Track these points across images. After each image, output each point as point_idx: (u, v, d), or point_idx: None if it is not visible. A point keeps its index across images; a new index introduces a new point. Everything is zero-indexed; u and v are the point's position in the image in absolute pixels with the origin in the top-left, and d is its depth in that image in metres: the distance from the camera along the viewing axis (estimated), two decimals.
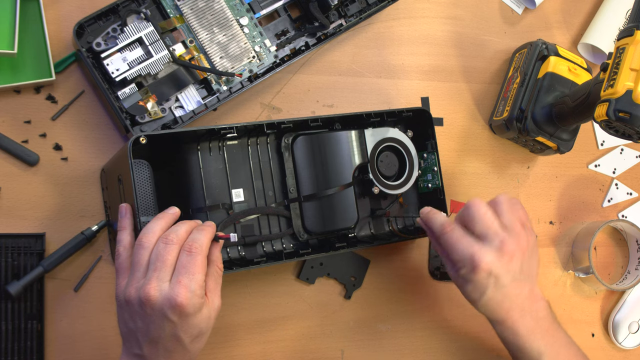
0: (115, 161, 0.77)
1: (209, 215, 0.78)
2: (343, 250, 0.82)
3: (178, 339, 0.65)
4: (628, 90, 0.74)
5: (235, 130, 0.77)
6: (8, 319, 0.76)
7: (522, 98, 0.92)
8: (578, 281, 1.01)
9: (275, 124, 0.79)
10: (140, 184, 0.77)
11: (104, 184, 0.81)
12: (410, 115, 0.88)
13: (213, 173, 0.79)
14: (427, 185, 0.90)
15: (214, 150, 0.79)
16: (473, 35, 0.99)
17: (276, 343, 0.87)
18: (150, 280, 0.63)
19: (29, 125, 0.81)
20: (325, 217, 0.82)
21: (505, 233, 0.74)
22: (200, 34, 0.83)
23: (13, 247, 0.77)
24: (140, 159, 0.77)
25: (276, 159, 0.83)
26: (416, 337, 0.93)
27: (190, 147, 0.78)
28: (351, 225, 0.83)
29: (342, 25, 0.90)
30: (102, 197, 0.82)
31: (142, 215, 0.76)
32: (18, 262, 0.77)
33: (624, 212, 1.05)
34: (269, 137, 0.82)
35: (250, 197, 0.81)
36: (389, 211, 0.89)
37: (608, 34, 1.00)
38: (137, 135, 0.70)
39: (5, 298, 0.76)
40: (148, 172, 0.78)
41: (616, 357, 1.02)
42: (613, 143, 1.05)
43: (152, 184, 0.78)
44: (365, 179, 0.85)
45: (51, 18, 0.82)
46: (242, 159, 0.81)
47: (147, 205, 0.77)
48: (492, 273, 0.73)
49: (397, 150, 0.87)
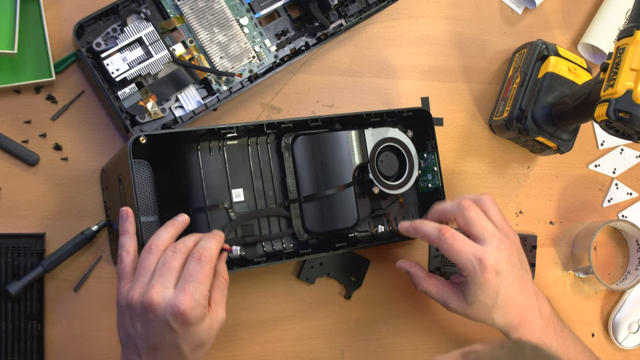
0: (115, 161, 0.77)
1: (209, 215, 0.78)
2: (343, 250, 0.82)
3: (178, 348, 0.64)
4: (628, 90, 0.74)
5: (235, 130, 0.77)
6: (8, 319, 0.76)
7: (522, 98, 0.92)
8: (578, 281, 1.01)
9: (275, 124, 0.79)
10: (140, 184, 0.77)
11: (104, 184, 0.81)
12: (410, 115, 0.88)
13: (213, 173, 0.79)
14: (427, 185, 0.90)
15: (214, 150, 0.79)
16: (473, 35, 0.99)
17: (276, 343, 0.87)
18: (155, 285, 0.63)
19: (29, 125, 0.81)
20: (325, 217, 0.82)
21: (500, 232, 0.77)
22: (200, 34, 0.83)
23: (13, 247, 0.77)
24: (140, 159, 0.77)
25: (276, 158, 0.83)
26: (416, 337, 0.93)
27: (190, 147, 0.78)
28: (351, 225, 0.84)
29: (342, 25, 0.90)
30: (102, 197, 0.82)
31: (142, 215, 0.76)
32: (18, 262, 0.77)
33: (624, 212, 1.05)
34: (269, 137, 0.82)
35: (250, 197, 0.81)
36: (389, 211, 0.89)
37: (608, 34, 1.00)
38: (137, 135, 0.70)
39: (5, 298, 0.76)
40: (148, 172, 0.78)
41: (616, 357, 1.02)
42: (613, 143, 1.05)
43: (152, 184, 0.78)
44: (365, 179, 0.85)
45: (51, 18, 0.82)
46: (242, 158, 0.81)
47: (147, 205, 0.77)
48: (499, 271, 0.75)
49: (397, 150, 0.87)
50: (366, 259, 0.91)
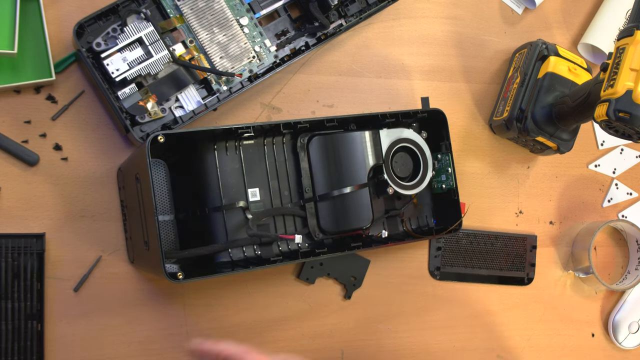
0: (132, 160, 0.77)
1: (226, 214, 0.78)
2: (358, 250, 0.82)
3: None
4: (628, 90, 0.74)
5: (252, 129, 0.77)
6: (8, 318, 0.76)
7: (522, 98, 0.92)
8: (578, 281, 1.01)
9: (292, 124, 0.79)
10: (157, 183, 0.77)
11: (121, 183, 0.81)
12: (425, 116, 0.88)
13: (229, 172, 0.79)
14: (441, 186, 0.90)
15: (230, 149, 0.79)
16: (473, 35, 0.99)
17: (276, 343, 0.87)
18: None
19: (29, 125, 0.81)
20: (340, 216, 0.82)
21: None
22: (200, 34, 0.83)
23: (13, 247, 0.77)
24: (156, 159, 0.77)
25: (292, 158, 0.83)
26: (416, 337, 0.93)
27: (206, 146, 0.78)
28: (366, 225, 0.84)
29: (342, 25, 0.89)
30: (119, 196, 0.82)
31: (159, 215, 0.77)
32: (18, 262, 0.77)
33: (624, 212, 1.05)
34: (285, 137, 0.83)
35: (266, 196, 0.81)
36: (403, 211, 0.89)
37: (608, 34, 1.00)
38: (155, 134, 0.69)
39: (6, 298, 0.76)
40: (164, 172, 0.78)
41: (616, 357, 1.02)
42: (613, 143, 1.05)
43: (169, 183, 0.78)
44: (380, 179, 0.85)
45: (51, 18, 0.82)
46: (258, 158, 0.81)
47: (164, 204, 0.78)
48: None
49: (411, 150, 0.87)
50: (366, 259, 0.91)
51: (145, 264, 0.77)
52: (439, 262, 0.94)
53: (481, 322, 0.96)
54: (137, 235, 0.76)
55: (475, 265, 0.96)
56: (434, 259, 0.94)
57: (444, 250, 0.94)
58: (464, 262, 0.95)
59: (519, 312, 0.98)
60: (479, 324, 0.96)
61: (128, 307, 0.82)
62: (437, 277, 0.94)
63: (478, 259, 0.96)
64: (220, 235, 0.78)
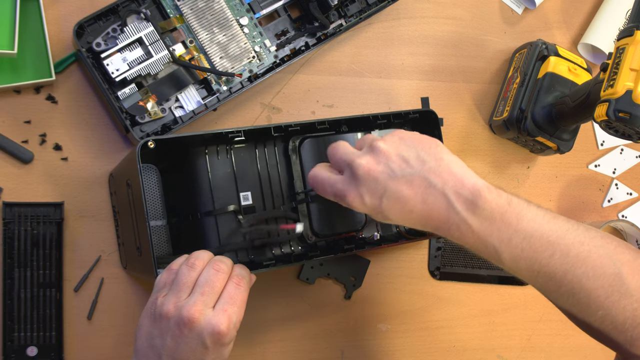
0: (123, 166, 0.77)
1: (218, 219, 0.78)
2: (351, 253, 0.82)
3: None
4: (628, 90, 0.74)
5: (242, 133, 0.77)
6: (27, 286, 0.78)
7: (522, 98, 0.92)
8: None
9: (283, 127, 0.79)
10: (148, 188, 0.77)
11: (112, 188, 0.81)
12: (416, 117, 0.88)
13: (221, 176, 0.79)
14: None
15: (221, 153, 0.79)
16: (473, 35, 0.99)
17: (276, 343, 0.87)
18: (196, 302, 0.63)
19: (29, 125, 0.81)
20: (333, 219, 0.82)
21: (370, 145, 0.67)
22: (200, 34, 0.83)
23: (32, 216, 0.78)
24: (147, 164, 0.77)
25: (283, 161, 0.82)
26: (416, 337, 0.93)
27: (197, 150, 0.78)
28: (359, 228, 0.83)
29: (342, 25, 0.90)
30: (111, 202, 0.82)
31: (151, 220, 0.76)
32: (37, 231, 0.78)
33: (624, 212, 1.05)
34: (276, 140, 0.82)
35: (258, 200, 0.81)
36: None
37: (608, 34, 1.00)
38: (145, 140, 0.69)
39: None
40: (156, 177, 0.78)
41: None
42: (613, 143, 1.05)
43: (160, 188, 0.78)
44: None
45: (51, 18, 0.82)
46: (249, 162, 0.81)
47: (156, 210, 0.78)
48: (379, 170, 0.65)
49: None
50: (366, 259, 0.91)
51: (138, 270, 0.77)
52: (439, 262, 0.94)
53: (481, 322, 0.96)
54: (129, 241, 0.76)
55: (475, 265, 0.96)
56: (434, 259, 0.94)
57: (443, 250, 0.94)
58: (464, 262, 0.95)
59: (519, 312, 0.98)
60: (479, 324, 0.96)
61: (128, 307, 0.82)
62: (437, 277, 0.94)
63: (478, 259, 0.96)
64: (213, 240, 0.78)
